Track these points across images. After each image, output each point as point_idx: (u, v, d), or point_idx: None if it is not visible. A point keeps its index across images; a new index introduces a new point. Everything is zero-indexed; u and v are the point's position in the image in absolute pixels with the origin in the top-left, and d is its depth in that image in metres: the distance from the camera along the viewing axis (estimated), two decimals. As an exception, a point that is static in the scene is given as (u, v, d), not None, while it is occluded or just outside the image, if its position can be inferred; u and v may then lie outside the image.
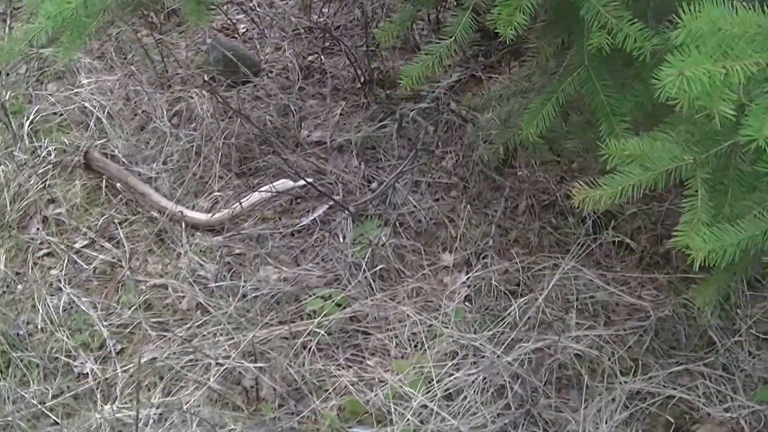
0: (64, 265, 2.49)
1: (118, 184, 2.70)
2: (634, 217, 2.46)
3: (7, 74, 3.18)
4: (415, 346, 2.23)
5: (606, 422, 2.02)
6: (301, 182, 2.63)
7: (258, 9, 3.52)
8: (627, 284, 2.33)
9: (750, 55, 1.15)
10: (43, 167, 2.77)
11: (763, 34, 1.18)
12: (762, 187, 1.42)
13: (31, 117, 2.92)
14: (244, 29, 3.48)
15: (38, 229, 2.61)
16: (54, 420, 2.11)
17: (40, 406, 2.13)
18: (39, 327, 2.34)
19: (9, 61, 2.73)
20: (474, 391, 2.08)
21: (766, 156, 1.26)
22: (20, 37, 2.14)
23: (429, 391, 2.08)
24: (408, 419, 2.03)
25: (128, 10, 2.61)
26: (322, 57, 3.25)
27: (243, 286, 2.38)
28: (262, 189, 2.63)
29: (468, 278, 2.37)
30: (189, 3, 2.39)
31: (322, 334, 2.23)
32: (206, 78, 3.10)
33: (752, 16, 1.21)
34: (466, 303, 2.32)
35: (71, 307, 2.38)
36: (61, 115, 2.97)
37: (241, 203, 2.60)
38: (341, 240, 2.53)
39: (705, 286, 1.85)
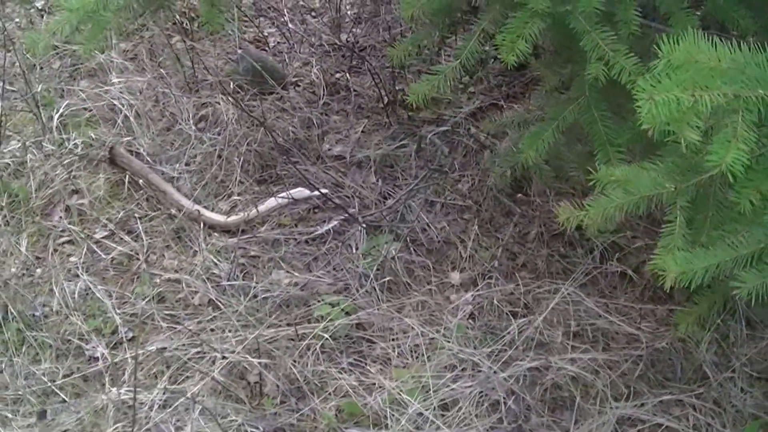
0: (83, 253, 2.71)
1: (141, 181, 2.92)
2: (641, 251, 2.65)
3: (41, 68, 3.44)
4: (416, 357, 2.42)
5: (595, 444, 2.20)
6: (318, 192, 2.84)
7: (290, 24, 3.76)
8: (628, 315, 2.52)
9: (719, 86, 1.35)
10: (69, 159, 3.00)
11: (735, 69, 1.37)
12: (739, 219, 1.61)
13: (61, 110, 3.16)
14: (275, 43, 3.72)
15: (61, 217, 2.84)
16: (63, 398, 2.31)
17: (50, 384, 2.34)
18: (54, 310, 2.55)
19: (37, 52, 2.95)
20: (469, 403, 2.26)
21: (737, 185, 1.45)
22: (46, 29, 2.34)
23: (426, 400, 2.26)
24: (403, 425, 2.22)
25: (152, 9, 2.80)
26: (348, 75, 3.48)
27: (254, 287, 2.59)
28: (279, 195, 2.84)
29: (473, 297, 2.57)
30: (204, 5, 2.63)
31: (327, 338, 2.43)
32: (232, 85, 3.33)
33: (727, 51, 1.41)
34: (469, 320, 2.52)
35: (87, 294, 2.60)
36: (90, 110, 3.21)
37: (257, 207, 2.81)
38: (353, 251, 2.73)
39: (687, 314, 2.04)
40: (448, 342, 2.42)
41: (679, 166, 1.70)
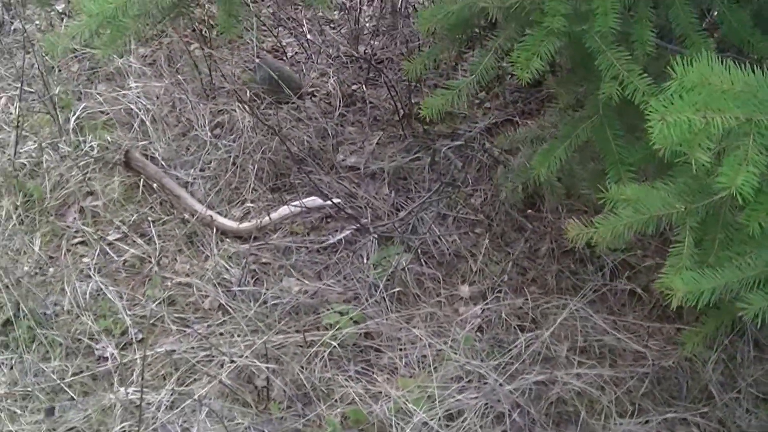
0: (96, 254, 2.77)
1: (155, 185, 2.98)
2: (651, 270, 2.68)
3: (59, 70, 3.50)
4: (423, 368, 2.46)
5: (599, 459, 2.24)
6: (331, 202, 2.89)
7: (308, 35, 3.82)
8: (635, 332, 2.56)
9: (731, 108, 1.38)
10: (85, 161, 3.06)
11: (748, 92, 1.40)
12: (748, 241, 1.65)
13: (78, 113, 3.22)
14: (293, 53, 3.78)
15: (75, 218, 2.90)
16: (71, 396, 2.37)
17: (59, 382, 2.40)
18: (66, 309, 2.60)
19: (56, 54, 3.01)
20: (474, 415, 2.30)
21: (747, 208, 1.49)
22: (66, 32, 2.40)
23: (431, 410, 2.31)
24: (408, 434, 2.26)
25: (171, 16, 2.84)
26: (364, 87, 3.54)
27: (265, 293, 2.64)
28: (292, 204, 2.89)
29: (482, 310, 2.61)
30: (221, 14, 2.69)
31: (335, 346, 2.47)
32: (249, 94, 3.38)
33: (741, 74, 1.45)
34: (477, 333, 2.56)
35: (98, 295, 2.65)
36: (107, 114, 3.27)
37: (269, 215, 2.86)
38: (364, 261, 2.78)
39: (694, 333, 2.08)
40: (455, 354, 2.46)
41: (690, 187, 1.74)
